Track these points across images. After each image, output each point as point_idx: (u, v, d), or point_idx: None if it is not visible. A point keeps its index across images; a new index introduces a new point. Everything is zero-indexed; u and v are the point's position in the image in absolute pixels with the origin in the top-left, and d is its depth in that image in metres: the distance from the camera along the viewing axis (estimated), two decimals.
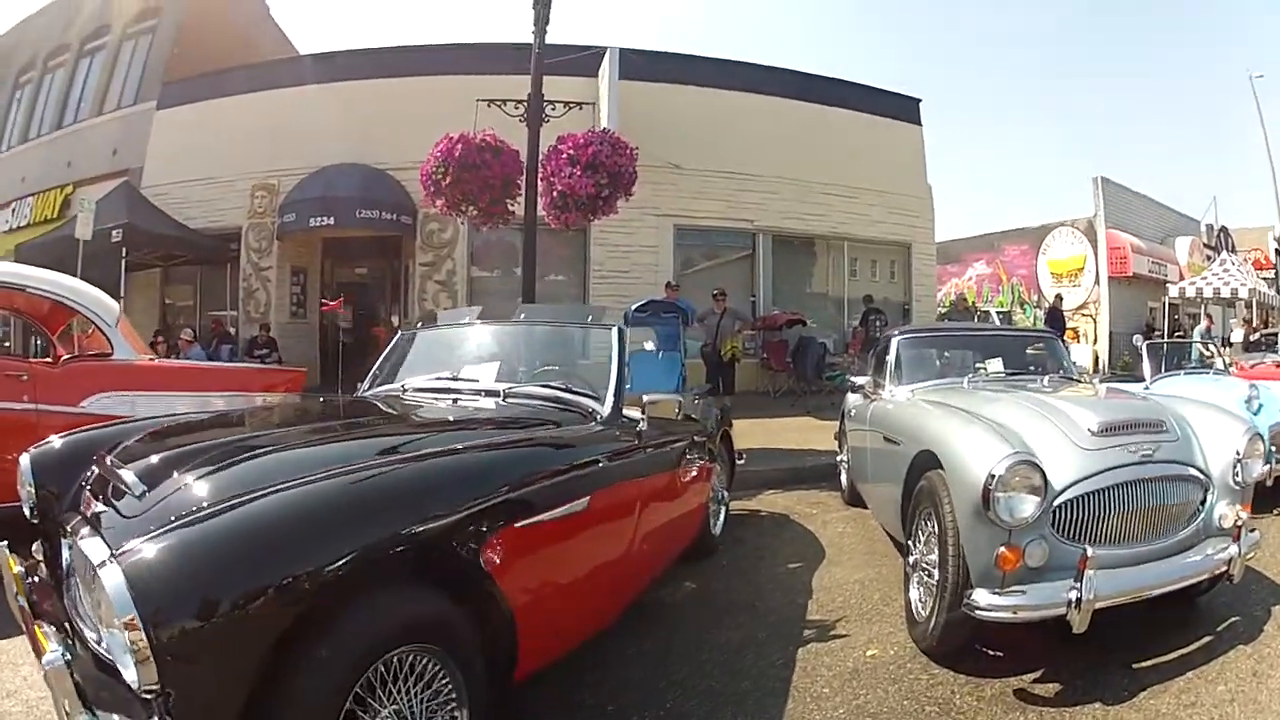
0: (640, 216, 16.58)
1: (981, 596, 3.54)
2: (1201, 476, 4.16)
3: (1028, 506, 3.57)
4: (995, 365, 5.86)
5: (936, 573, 3.88)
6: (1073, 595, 3.42)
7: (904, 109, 20.26)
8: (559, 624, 3.23)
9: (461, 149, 11.26)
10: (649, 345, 12.10)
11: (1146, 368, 9.96)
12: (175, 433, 3.44)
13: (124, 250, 15.01)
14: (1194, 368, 11.08)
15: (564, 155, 11.16)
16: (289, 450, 2.96)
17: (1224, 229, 35.14)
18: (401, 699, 2.33)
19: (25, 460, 3.37)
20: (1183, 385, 9.33)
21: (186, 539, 2.10)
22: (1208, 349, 12.82)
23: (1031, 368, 6.06)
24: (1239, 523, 4.02)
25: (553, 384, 4.35)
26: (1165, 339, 19.60)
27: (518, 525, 2.87)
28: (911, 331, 6.61)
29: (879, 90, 20.08)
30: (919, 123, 20.56)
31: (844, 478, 7.61)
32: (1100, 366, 24.12)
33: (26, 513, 3.28)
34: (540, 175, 11.12)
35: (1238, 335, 22.20)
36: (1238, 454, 4.19)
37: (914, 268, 20.13)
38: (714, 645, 4.12)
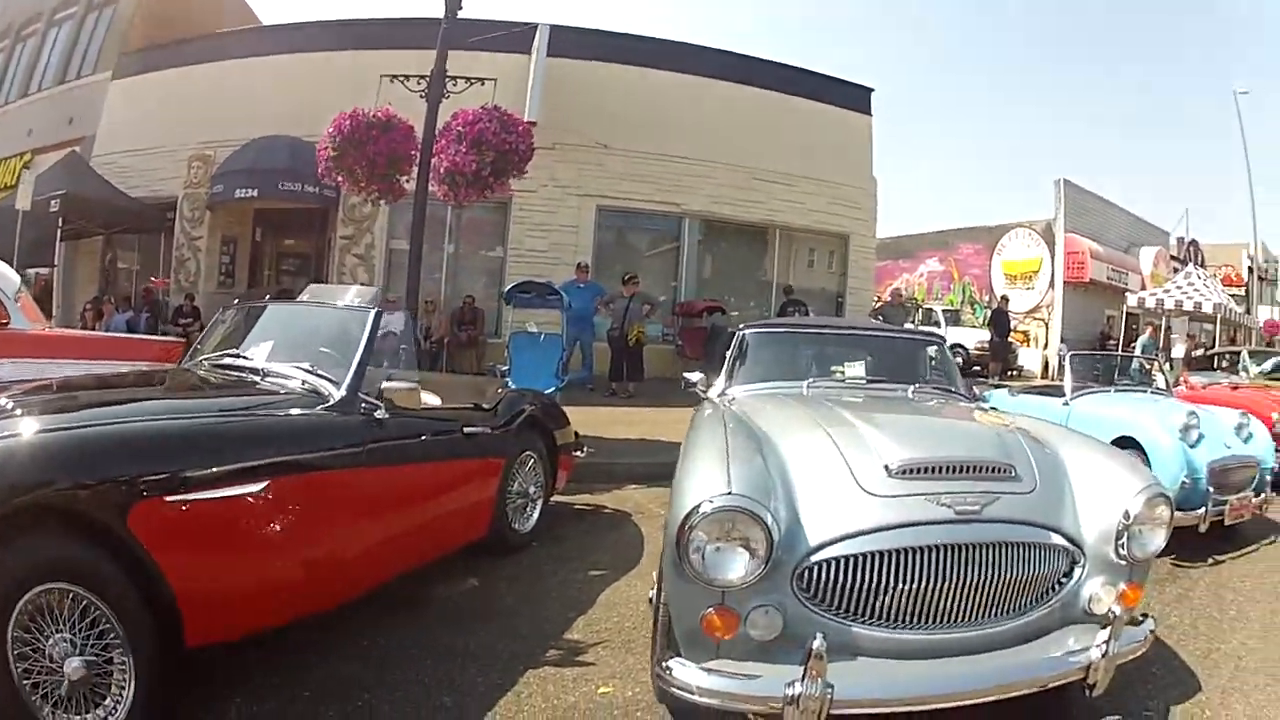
0: (563, 196, 16.88)
1: (679, 669, 2.90)
2: (1066, 544, 3.29)
3: (736, 566, 2.88)
4: (856, 369, 5.29)
5: None
6: (791, 691, 2.65)
7: (854, 98, 20.23)
8: (232, 600, 3.36)
9: (351, 125, 11.34)
10: (531, 328, 12.38)
11: (1067, 381, 9.11)
12: None
13: (60, 220, 15.54)
14: (1128, 385, 10.09)
15: (453, 132, 11.19)
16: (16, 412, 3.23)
17: (1194, 242, 35.55)
18: (65, 628, 2.75)
19: None
20: (1109, 405, 8.58)
21: None
22: (1149, 363, 11.96)
23: (903, 375, 5.31)
24: (1116, 614, 3.09)
25: (300, 365, 4.32)
26: (1119, 349, 19.41)
27: (170, 498, 3.09)
28: (763, 325, 5.98)
29: (829, 78, 20.01)
30: (869, 113, 20.54)
31: None
32: (1050, 372, 24.41)
33: None
34: (435, 151, 11.17)
35: (1178, 351, 21.90)
36: (1125, 519, 3.28)
37: (851, 259, 20.14)
38: (446, 651, 3.95)
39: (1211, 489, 6.61)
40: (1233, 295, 29.67)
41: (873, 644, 3.00)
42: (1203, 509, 6.46)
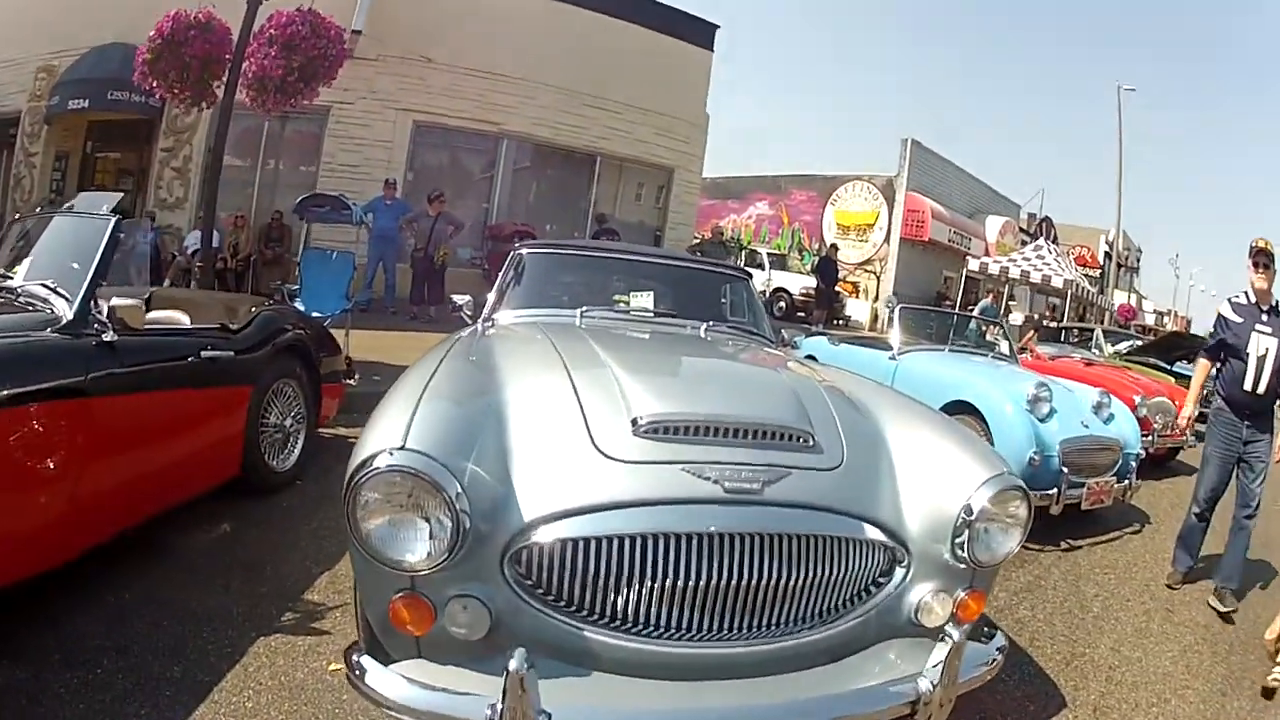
0: (380, 109, 17.02)
1: (371, 671, 2.40)
2: (881, 538, 2.71)
3: (415, 545, 2.35)
4: (643, 300, 4.72)
5: None
6: (489, 711, 2.16)
7: (697, 32, 21.07)
8: None
9: (171, 26, 11.20)
10: (327, 247, 11.83)
11: (895, 334, 8.48)
12: None
13: None
14: (967, 346, 9.27)
15: (266, 35, 11.14)
16: None
17: (1047, 219, 37.59)
18: None
19: None
20: (943, 365, 7.93)
21: None
22: (992, 327, 11.03)
23: (698, 311, 4.71)
24: (953, 636, 2.55)
25: (42, 281, 3.92)
26: (954, 310, 19.57)
27: None
28: (541, 245, 5.44)
29: (674, 10, 20.67)
30: (710, 49, 21.36)
31: None
32: (880, 325, 25.12)
33: None
34: (246, 55, 11.08)
35: (1016, 318, 22.43)
36: (967, 514, 2.72)
37: (674, 194, 21.18)
38: (183, 610, 3.69)
39: (1065, 469, 6.28)
40: (1086, 275, 30.31)
41: (614, 656, 2.45)
42: (1054, 490, 6.15)
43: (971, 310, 16.87)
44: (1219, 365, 5.62)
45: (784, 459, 2.69)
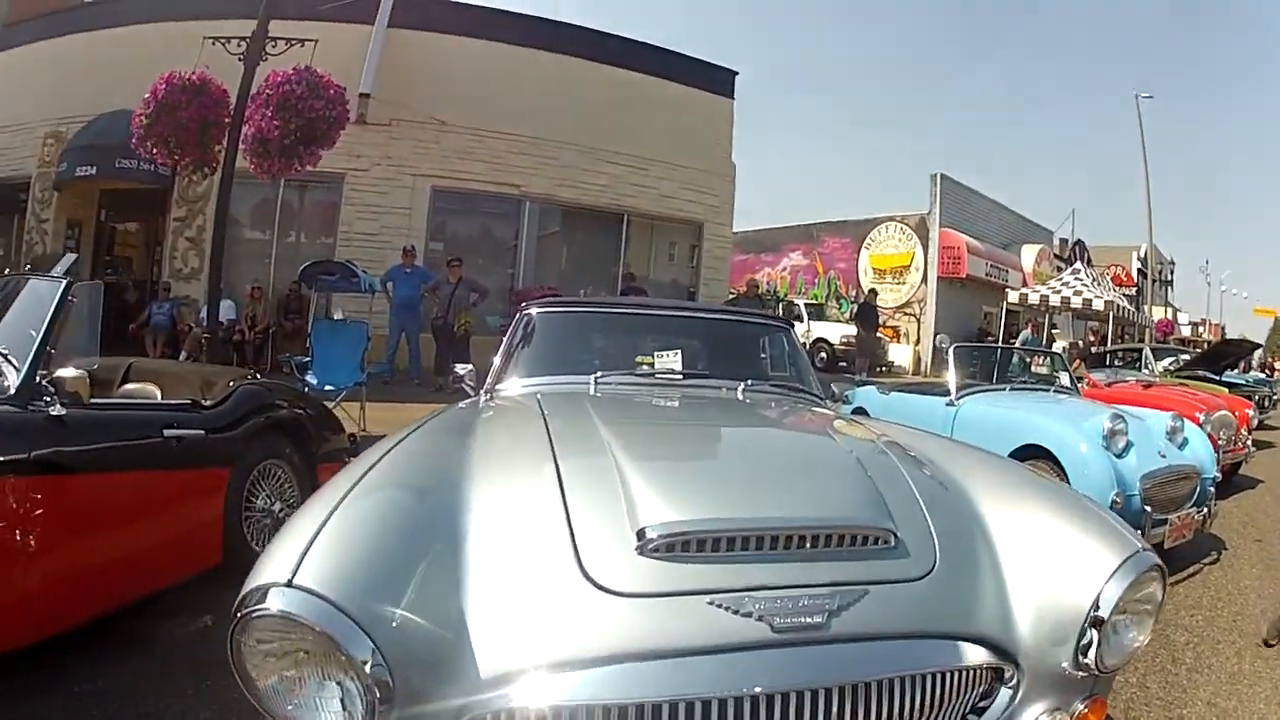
0: (397, 175, 16.64)
1: None
2: (987, 657, 2.04)
3: (320, 715, 1.74)
4: (670, 361, 4.00)
5: None
6: None
7: (716, 81, 20.59)
8: None
9: (165, 89, 10.93)
10: (338, 315, 11.85)
11: (951, 377, 7.68)
12: None
13: None
14: (1026, 382, 8.84)
15: (263, 96, 10.83)
16: None
17: (1080, 242, 36.72)
18: None
19: None
20: (1007, 406, 7.31)
21: None
22: (1043, 360, 10.53)
23: (734, 369, 4.10)
24: None
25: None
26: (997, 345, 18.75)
27: None
28: (552, 303, 4.70)
29: (690, 59, 20.35)
30: (731, 96, 20.90)
31: None
32: (923, 368, 24.34)
33: None
34: (245, 118, 10.85)
35: (1059, 347, 21.31)
36: (1096, 609, 2.07)
37: (706, 248, 20.49)
38: (148, 711, 3.38)
39: (1148, 508, 5.63)
40: (1124, 295, 29.67)
41: None
42: (1139, 532, 5.39)
43: (1013, 344, 16.60)
44: None
45: (857, 572, 2.02)
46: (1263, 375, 26.83)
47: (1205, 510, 6.16)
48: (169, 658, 3.90)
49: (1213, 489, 6.43)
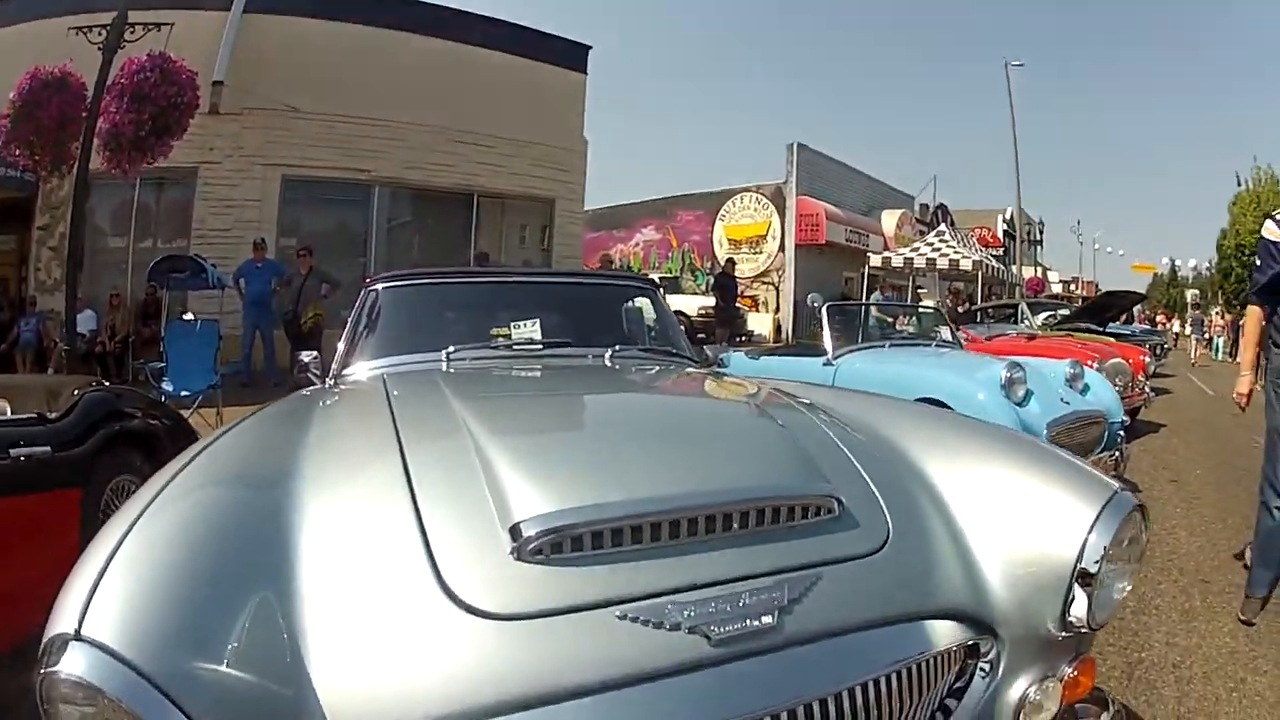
0: (248, 167, 16.68)
1: None
2: (963, 633, 1.87)
3: None
4: (528, 330, 3.76)
5: None
6: None
7: (568, 56, 21.10)
8: None
9: (30, 85, 10.87)
10: (188, 316, 11.61)
11: (827, 336, 7.52)
12: None
13: None
14: (906, 338, 8.74)
15: (118, 87, 10.84)
16: None
17: (942, 206, 38.08)
18: None
19: None
20: (892, 362, 7.22)
21: None
22: (916, 317, 10.61)
23: (599, 336, 3.90)
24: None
25: None
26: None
27: None
28: (397, 277, 4.28)
29: (542, 34, 20.74)
30: (584, 71, 21.44)
31: None
32: (785, 336, 26.18)
33: None
34: (101, 111, 10.83)
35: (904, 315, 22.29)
36: (1085, 567, 1.91)
37: (558, 226, 21.03)
38: None
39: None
40: (992, 255, 30.98)
41: None
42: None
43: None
44: (1273, 309, 4.43)
45: (804, 553, 1.77)
46: (1148, 328, 28.28)
47: (1117, 455, 6.26)
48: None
49: (1122, 433, 6.57)
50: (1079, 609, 1.90)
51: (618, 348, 3.66)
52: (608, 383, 3.26)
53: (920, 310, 11.07)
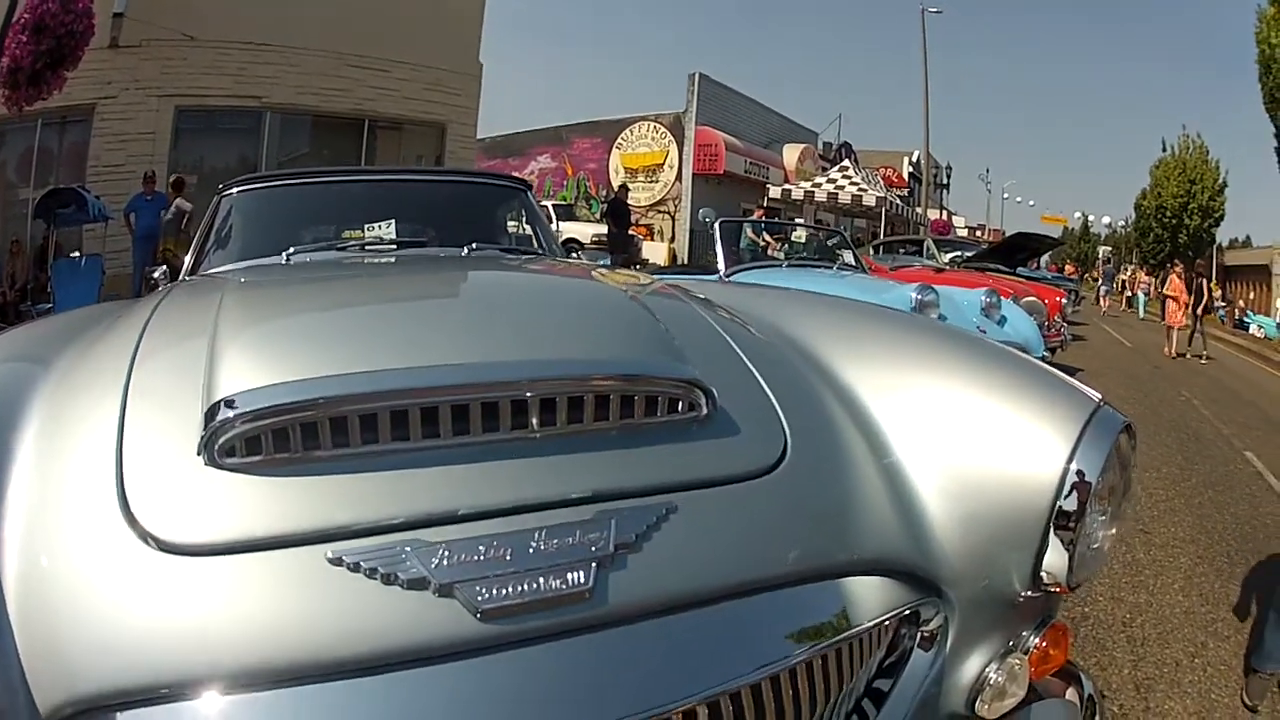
0: (143, 99, 16.86)
1: None
2: (894, 589, 1.43)
3: None
4: (380, 231, 3.55)
5: None
6: None
7: None
8: None
9: None
10: (74, 254, 11.87)
11: (720, 254, 7.09)
12: None
13: None
14: (804, 260, 8.44)
15: (21, 21, 11.00)
16: None
17: (847, 144, 39.03)
18: None
19: None
20: (791, 284, 6.22)
21: None
22: (832, 237, 10.42)
23: (457, 234, 3.47)
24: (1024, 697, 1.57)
25: None
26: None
27: None
28: (253, 180, 4.02)
29: None
30: None
31: None
32: (680, 262, 26.68)
33: None
34: (4, 49, 11.02)
35: (800, 235, 23.47)
36: (1061, 504, 1.47)
37: (449, 152, 21.33)
38: None
39: None
40: (897, 194, 32.09)
41: None
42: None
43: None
44: None
45: (648, 468, 1.34)
46: (1058, 274, 29.52)
47: None
48: None
49: None
50: (1055, 562, 1.49)
51: (476, 245, 3.29)
52: (441, 268, 2.95)
53: (821, 231, 10.88)
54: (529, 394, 1.26)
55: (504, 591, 1.06)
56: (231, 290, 2.08)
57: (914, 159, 44.68)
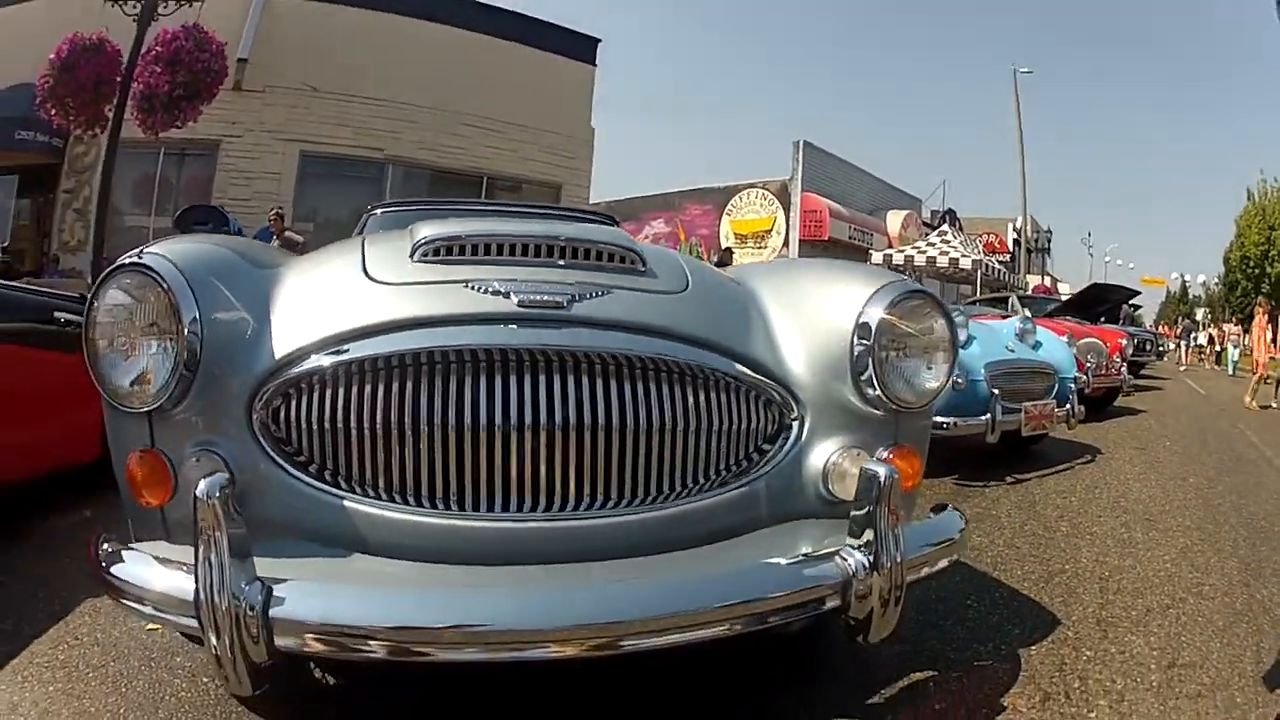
0: (269, 142, 17.96)
1: (109, 553, 1.92)
2: (759, 379, 2.26)
3: (136, 364, 2.02)
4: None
5: None
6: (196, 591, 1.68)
7: (578, 47, 22.61)
8: None
9: (68, 50, 12.07)
10: None
11: None
12: None
13: None
14: None
15: (152, 53, 12.03)
16: None
17: (951, 210, 38.04)
18: None
19: None
20: None
21: None
22: None
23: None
24: (881, 479, 1.94)
25: None
26: None
27: None
28: (395, 204, 5.51)
29: (553, 25, 22.45)
30: (593, 63, 22.93)
31: None
32: None
33: None
34: (135, 76, 12.03)
35: None
36: (864, 334, 2.25)
37: None
38: (26, 577, 3.62)
39: (996, 392, 5.88)
40: (998, 260, 31.62)
41: (391, 538, 1.99)
42: (987, 415, 5.76)
43: None
44: None
45: (602, 279, 2.27)
46: (1146, 330, 28.68)
47: (1069, 407, 6.48)
48: (47, 544, 4.04)
49: (1074, 390, 6.72)
50: (871, 379, 2.21)
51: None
52: (547, 218, 4.31)
53: None
54: (553, 243, 2.34)
55: (529, 298, 2.11)
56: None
57: (1017, 225, 43.67)
